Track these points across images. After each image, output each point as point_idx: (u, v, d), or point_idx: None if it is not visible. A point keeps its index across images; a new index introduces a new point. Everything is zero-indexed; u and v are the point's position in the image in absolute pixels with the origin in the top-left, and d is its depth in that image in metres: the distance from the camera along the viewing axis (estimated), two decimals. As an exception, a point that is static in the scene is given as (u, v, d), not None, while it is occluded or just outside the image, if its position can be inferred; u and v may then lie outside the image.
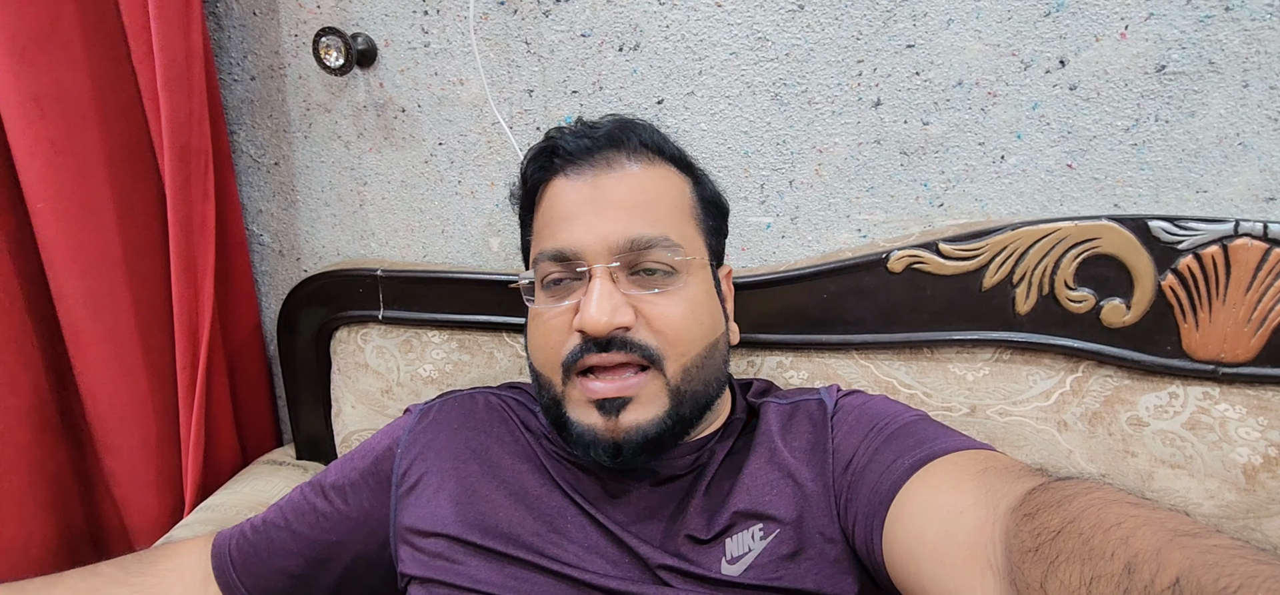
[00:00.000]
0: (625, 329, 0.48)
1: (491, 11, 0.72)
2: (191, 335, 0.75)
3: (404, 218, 0.82)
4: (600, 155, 0.52)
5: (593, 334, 0.47)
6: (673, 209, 0.53)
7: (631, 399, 0.48)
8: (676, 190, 0.54)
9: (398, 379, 0.81)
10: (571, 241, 0.50)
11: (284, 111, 0.82)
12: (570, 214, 0.51)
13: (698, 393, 0.51)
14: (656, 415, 0.49)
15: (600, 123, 0.55)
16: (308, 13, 0.77)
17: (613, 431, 0.49)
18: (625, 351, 0.48)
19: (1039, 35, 0.60)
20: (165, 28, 0.65)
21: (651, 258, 0.50)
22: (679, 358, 0.49)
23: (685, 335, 0.50)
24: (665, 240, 0.50)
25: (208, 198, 0.74)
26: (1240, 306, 0.56)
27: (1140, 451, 0.61)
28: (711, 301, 0.53)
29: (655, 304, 0.49)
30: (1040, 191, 0.64)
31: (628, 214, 0.50)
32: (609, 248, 0.49)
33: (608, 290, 0.48)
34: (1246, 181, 0.59)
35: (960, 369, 0.65)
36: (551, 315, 0.51)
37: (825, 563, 0.49)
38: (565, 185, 0.52)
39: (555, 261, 0.51)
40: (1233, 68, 0.57)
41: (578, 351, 0.49)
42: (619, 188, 0.51)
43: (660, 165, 0.54)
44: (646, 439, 0.49)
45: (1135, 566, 0.28)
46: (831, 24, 0.64)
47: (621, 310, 0.48)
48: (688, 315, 0.50)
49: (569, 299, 0.50)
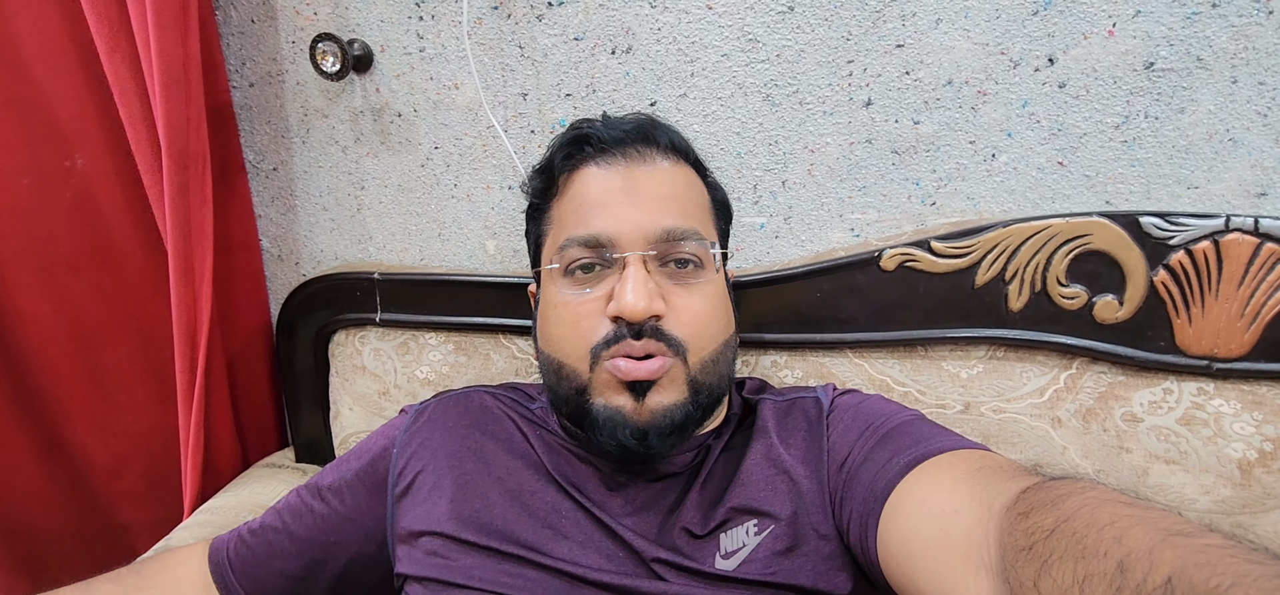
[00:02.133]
0: (658, 318, 0.49)
1: (485, 16, 0.73)
2: (190, 339, 0.76)
3: (401, 221, 0.83)
4: (632, 146, 0.53)
5: (630, 319, 0.48)
6: (699, 205, 0.54)
7: (656, 382, 0.49)
8: (698, 190, 0.56)
9: (395, 381, 0.81)
10: (606, 228, 0.50)
11: (282, 117, 0.83)
12: (603, 201, 0.51)
13: (712, 386, 0.52)
14: (679, 400, 0.49)
15: (628, 118, 0.56)
16: (305, 20, 0.78)
17: (639, 414, 0.49)
18: (657, 340, 0.49)
19: (1027, 34, 0.61)
20: (163, 34, 0.66)
21: (684, 249, 0.51)
22: (700, 351, 0.50)
23: (707, 330, 0.51)
24: (696, 234, 0.51)
25: (206, 203, 0.74)
26: (1233, 301, 0.56)
27: (1135, 447, 0.61)
28: (727, 300, 0.55)
29: (683, 297, 0.50)
30: (1031, 189, 0.64)
31: (661, 205, 0.51)
32: (645, 236, 0.50)
33: (644, 277, 0.49)
34: (1237, 177, 0.59)
35: (954, 366, 0.65)
36: (579, 302, 0.51)
37: (819, 559, 0.49)
38: (597, 173, 0.53)
39: (586, 247, 0.51)
40: (1221, 64, 0.57)
41: (611, 337, 0.49)
42: (651, 179, 0.52)
43: (684, 165, 0.55)
44: (672, 423, 0.49)
45: (1128, 565, 0.28)
46: (821, 25, 0.65)
47: (657, 299, 0.49)
48: (710, 311, 0.51)
49: (598, 286, 0.51)
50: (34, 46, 0.74)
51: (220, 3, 0.80)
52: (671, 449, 0.52)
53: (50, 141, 0.77)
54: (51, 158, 0.77)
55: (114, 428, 0.85)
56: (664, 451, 0.51)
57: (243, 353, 0.88)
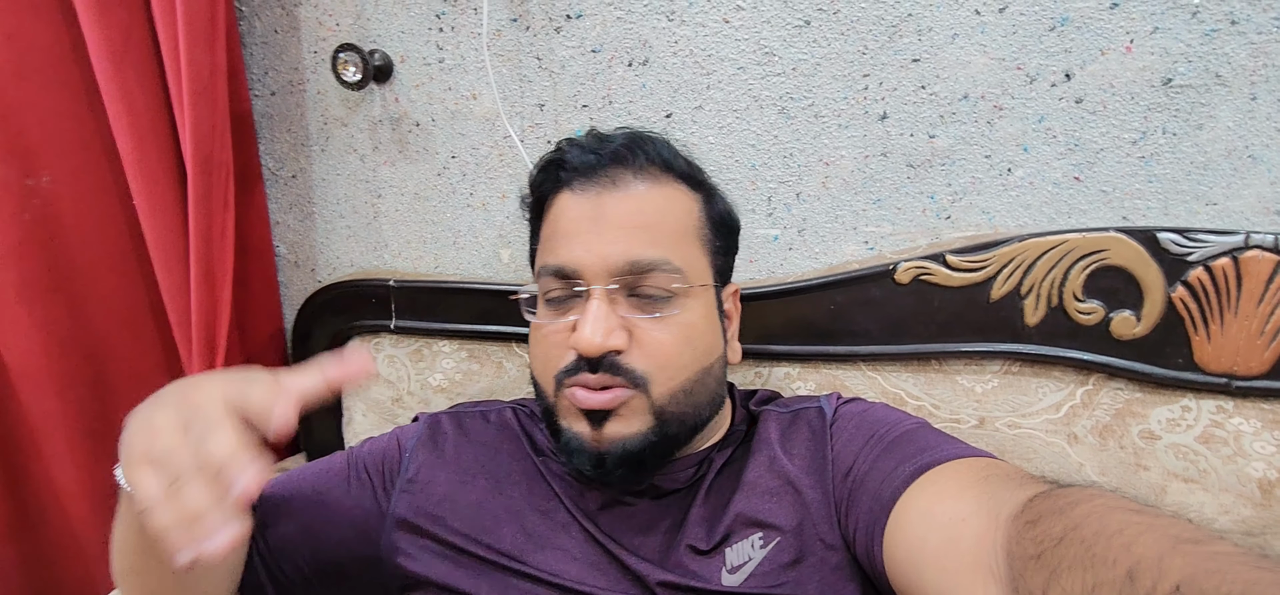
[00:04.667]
0: (618, 352, 0.49)
1: (504, 28, 0.74)
2: (209, 342, 0.77)
3: (417, 229, 0.83)
4: (605, 173, 0.52)
5: (585, 354, 0.48)
6: (676, 230, 0.52)
7: (614, 412, 0.49)
8: (682, 210, 0.53)
9: (408, 388, 0.82)
10: (572, 259, 0.50)
11: (303, 125, 0.84)
12: (572, 231, 0.51)
13: (686, 414, 0.51)
14: (639, 430, 0.49)
15: (612, 136, 0.55)
16: (327, 30, 0.79)
17: (598, 442, 0.50)
18: (613, 374, 0.49)
19: (1044, 49, 0.61)
20: (192, 44, 0.67)
21: (650, 282, 0.50)
22: (667, 382, 0.50)
23: (675, 361, 0.50)
24: (665, 264, 0.50)
25: (228, 208, 0.76)
26: (1253, 319, 0.56)
27: (1152, 465, 0.60)
28: (709, 325, 0.53)
29: (649, 330, 0.50)
30: (1047, 204, 0.64)
31: (629, 235, 0.50)
32: (608, 269, 0.49)
33: (604, 313, 0.49)
34: (1257, 194, 0.59)
35: (969, 381, 0.65)
36: (550, 330, 0.52)
37: (826, 570, 0.49)
38: (570, 200, 0.53)
39: (556, 277, 0.51)
40: (1240, 81, 0.57)
41: (571, 368, 0.50)
42: (621, 207, 0.51)
43: (668, 183, 0.53)
44: (628, 452, 0.49)
45: (1137, 573, 0.28)
46: (837, 39, 0.65)
47: (615, 334, 0.49)
48: (681, 342, 0.50)
49: (566, 316, 0.51)
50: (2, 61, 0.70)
51: (244, 13, 0.82)
52: (635, 478, 0.52)
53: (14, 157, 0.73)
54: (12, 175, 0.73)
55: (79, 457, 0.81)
56: (626, 481, 0.52)
57: (258, 357, 0.89)
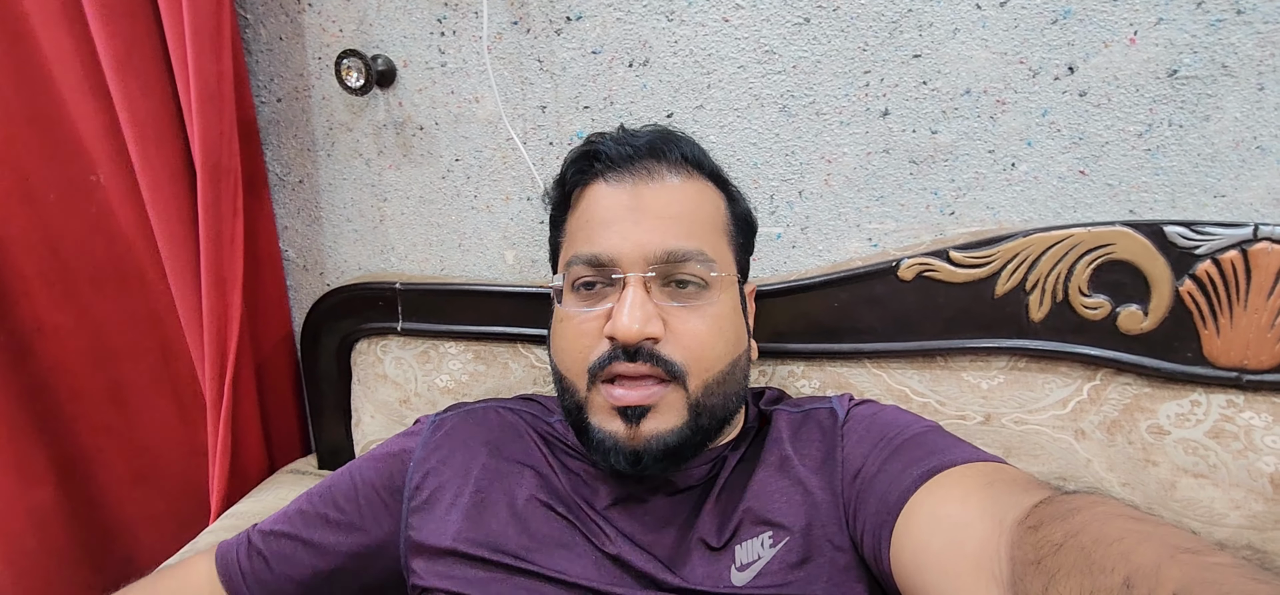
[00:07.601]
0: (654, 341, 0.49)
1: (505, 31, 0.74)
2: (220, 348, 0.78)
3: (422, 232, 0.84)
4: (641, 164, 0.53)
5: (624, 342, 0.48)
6: (708, 224, 0.53)
7: (652, 407, 0.49)
8: (712, 205, 0.55)
9: (415, 389, 0.83)
10: (608, 247, 0.50)
11: (308, 131, 0.85)
12: (608, 219, 0.51)
13: (717, 407, 0.51)
14: (676, 425, 0.49)
15: (642, 131, 0.55)
16: (330, 37, 0.80)
17: (633, 439, 0.49)
18: (651, 364, 0.49)
19: (1046, 42, 0.60)
20: (200, 52, 0.68)
21: (686, 270, 0.50)
22: (701, 374, 0.50)
23: (710, 352, 0.50)
24: (700, 254, 0.50)
25: (237, 214, 0.76)
26: (1263, 312, 0.55)
27: (1162, 460, 0.59)
28: (737, 319, 0.54)
29: (684, 319, 0.50)
30: (1052, 198, 0.64)
31: (665, 225, 0.50)
32: (645, 257, 0.50)
33: (641, 299, 0.49)
34: (1265, 185, 0.58)
35: (974, 377, 0.64)
36: (581, 319, 0.51)
37: (834, 571, 0.49)
38: (604, 190, 0.53)
39: (589, 265, 0.51)
40: (1246, 71, 0.57)
41: (606, 358, 0.49)
42: (658, 198, 0.52)
43: (698, 179, 0.54)
44: (666, 447, 0.49)
45: (1134, 581, 0.28)
46: (838, 36, 0.65)
47: (653, 321, 0.48)
48: (714, 333, 0.51)
49: (600, 305, 0.51)
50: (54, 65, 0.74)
51: (248, 21, 0.83)
52: (670, 470, 0.52)
53: (75, 158, 0.77)
54: (77, 173, 0.78)
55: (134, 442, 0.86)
56: (660, 474, 0.51)
57: (268, 361, 0.90)
